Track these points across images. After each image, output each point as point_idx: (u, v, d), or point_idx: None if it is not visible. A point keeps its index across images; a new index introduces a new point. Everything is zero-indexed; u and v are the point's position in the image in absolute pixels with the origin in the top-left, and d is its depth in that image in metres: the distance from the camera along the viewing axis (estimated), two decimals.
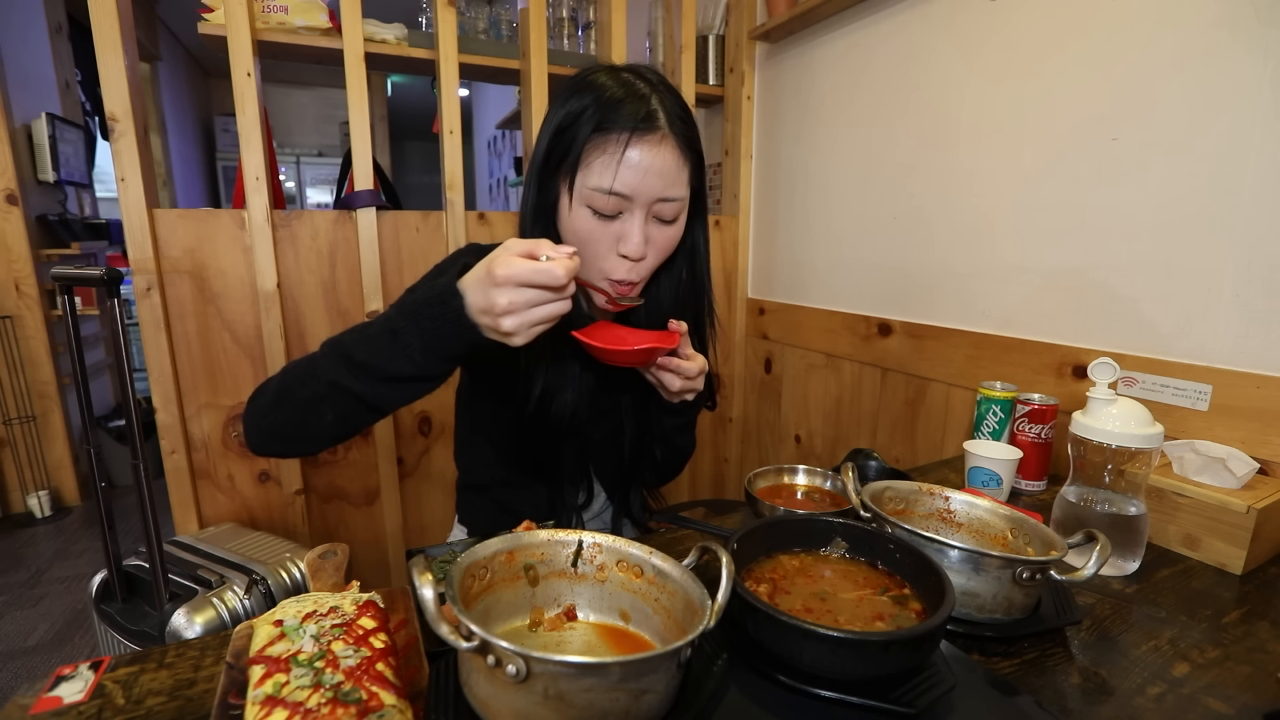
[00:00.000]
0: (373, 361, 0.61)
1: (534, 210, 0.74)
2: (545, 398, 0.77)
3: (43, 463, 2.67)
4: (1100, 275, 1.03)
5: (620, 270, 0.71)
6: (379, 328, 0.61)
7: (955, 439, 1.30)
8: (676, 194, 0.70)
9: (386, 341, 0.60)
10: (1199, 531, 0.75)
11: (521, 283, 0.54)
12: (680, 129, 0.69)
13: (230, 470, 1.42)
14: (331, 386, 0.62)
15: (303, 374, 0.65)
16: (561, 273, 0.54)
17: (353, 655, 0.44)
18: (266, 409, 0.66)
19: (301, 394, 0.64)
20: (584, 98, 0.69)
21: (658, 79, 0.72)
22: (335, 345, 0.64)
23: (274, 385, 0.67)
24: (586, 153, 0.68)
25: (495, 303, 0.55)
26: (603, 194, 0.67)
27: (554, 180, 0.72)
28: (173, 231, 1.30)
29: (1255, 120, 0.84)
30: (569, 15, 1.80)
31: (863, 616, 0.53)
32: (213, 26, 1.29)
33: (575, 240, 0.72)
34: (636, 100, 0.68)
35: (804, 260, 1.70)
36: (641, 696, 0.41)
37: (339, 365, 0.62)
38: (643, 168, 0.67)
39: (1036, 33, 1.09)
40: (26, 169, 2.65)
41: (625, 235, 0.69)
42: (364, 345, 0.62)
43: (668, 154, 0.68)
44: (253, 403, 0.68)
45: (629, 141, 0.66)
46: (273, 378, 0.68)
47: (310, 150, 5.80)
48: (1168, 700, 0.51)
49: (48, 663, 1.80)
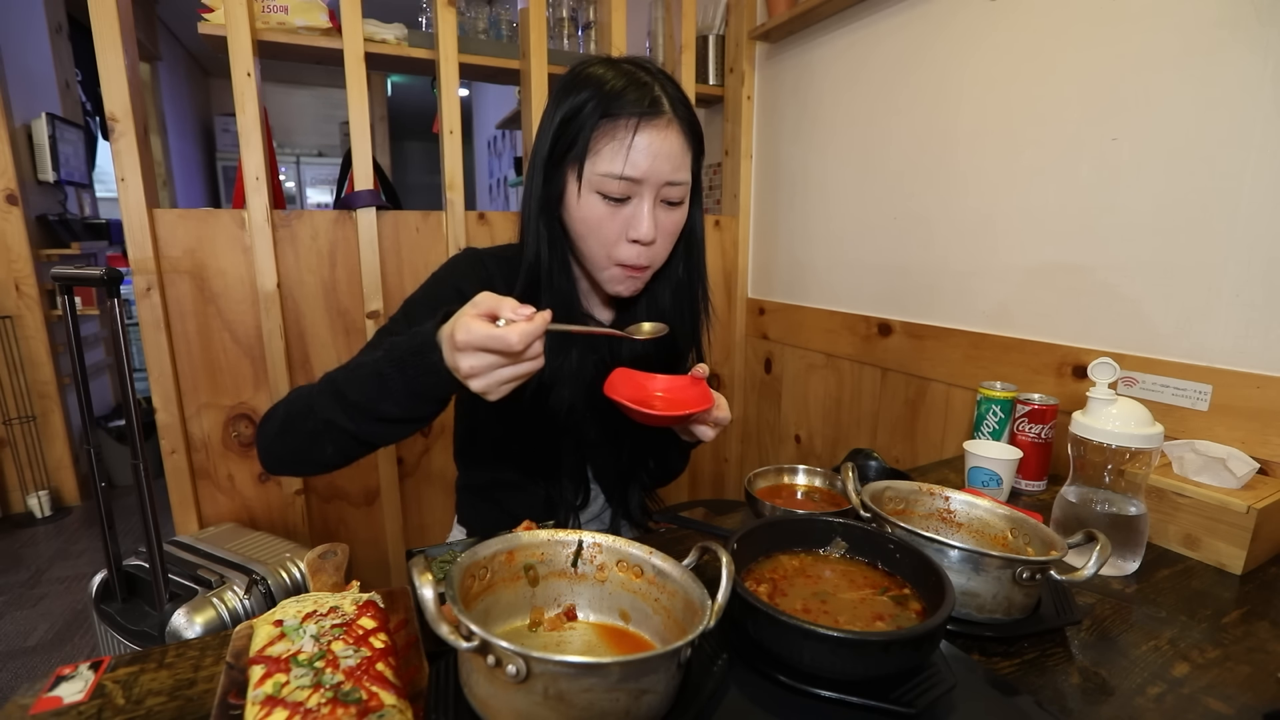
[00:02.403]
0: (363, 402, 0.62)
1: (540, 203, 0.75)
2: (543, 389, 0.78)
3: (43, 463, 2.67)
4: (1100, 275, 1.03)
5: (631, 255, 0.73)
6: (369, 370, 0.62)
7: (955, 439, 1.30)
8: (682, 177, 0.72)
9: (374, 385, 0.62)
10: (1199, 531, 0.75)
11: (479, 347, 0.54)
12: (683, 114, 0.72)
13: (230, 470, 1.42)
14: (328, 424, 0.65)
15: (304, 408, 0.67)
16: (516, 339, 0.53)
17: (353, 655, 0.44)
18: (274, 436, 0.69)
19: (303, 427, 0.67)
20: (587, 88, 0.70)
21: (656, 69, 0.74)
22: (331, 383, 0.65)
23: (280, 414, 0.70)
24: (595, 140, 0.69)
25: (458, 366, 0.56)
26: (613, 179, 0.69)
27: (560, 171, 0.73)
28: (173, 231, 1.30)
29: (1255, 120, 0.84)
30: (569, 15, 1.80)
31: (863, 617, 0.53)
32: (213, 26, 1.29)
33: (585, 228, 0.73)
34: (640, 87, 0.69)
35: (804, 260, 1.70)
36: (641, 696, 0.41)
37: (334, 404, 0.64)
38: (652, 152, 0.69)
39: (1036, 32, 1.09)
40: (26, 169, 2.65)
41: (636, 219, 0.71)
42: (355, 386, 0.63)
43: (674, 138, 0.70)
44: (263, 428, 0.71)
45: (637, 127, 0.68)
46: (280, 404, 0.71)
47: (310, 150, 5.80)
48: (1168, 700, 0.51)
49: (48, 663, 1.80)
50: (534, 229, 0.76)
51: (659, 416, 0.65)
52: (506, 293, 0.78)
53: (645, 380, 0.73)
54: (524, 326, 0.53)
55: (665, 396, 0.71)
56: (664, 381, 0.73)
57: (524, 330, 0.53)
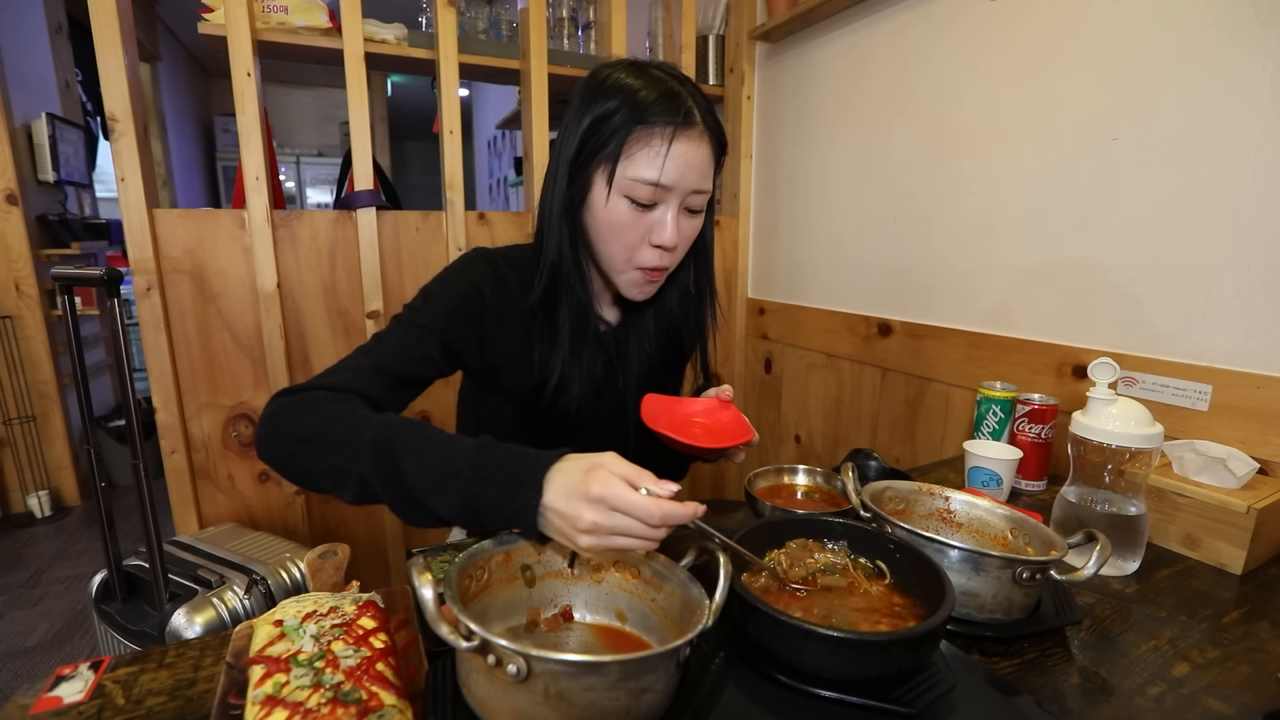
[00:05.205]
0: (415, 480, 0.56)
1: (564, 203, 0.75)
2: (559, 389, 0.79)
3: (43, 463, 2.67)
4: (1100, 275, 1.03)
5: (652, 259, 0.74)
6: (441, 455, 0.56)
7: (955, 439, 1.30)
8: (707, 186, 0.74)
9: (440, 475, 0.55)
10: (1199, 531, 0.75)
11: (614, 507, 0.50)
12: (711, 124, 0.73)
13: (230, 470, 1.42)
14: (361, 480, 0.59)
15: (338, 440, 0.60)
16: (659, 516, 0.49)
17: (353, 655, 0.44)
18: (290, 443, 0.63)
19: (329, 458, 0.60)
20: (619, 93, 0.70)
21: (684, 76, 0.75)
22: (386, 442, 0.58)
23: (304, 421, 0.63)
24: (629, 145, 0.70)
25: (581, 517, 0.50)
26: (645, 184, 0.70)
27: (585, 173, 0.73)
28: (173, 231, 1.30)
29: (1255, 120, 0.84)
30: (569, 15, 1.80)
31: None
32: (213, 26, 1.28)
33: (610, 230, 0.74)
34: (673, 97, 0.70)
35: (804, 260, 1.70)
36: (641, 695, 0.41)
37: (378, 464, 0.57)
38: (685, 161, 0.70)
39: (1037, 33, 1.09)
40: (26, 169, 2.65)
41: (660, 225, 0.72)
42: (416, 460, 0.57)
43: (704, 149, 0.72)
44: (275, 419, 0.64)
45: (673, 136, 0.69)
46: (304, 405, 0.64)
47: (310, 150, 5.80)
48: (1168, 700, 0.51)
49: (48, 663, 1.80)
50: (556, 228, 0.76)
51: (706, 450, 0.67)
52: (519, 293, 0.80)
53: (674, 405, 0.74)
54: (667, 504, 0.49)
55: (704, 424, 0.72)
56: (697, 407, 0.74)
57: (668, 511, 0.49)
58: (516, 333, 0.80)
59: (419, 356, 0.74)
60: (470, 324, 0.78)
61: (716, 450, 0.69)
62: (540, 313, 0.79)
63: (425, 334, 0.75)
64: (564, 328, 0.78)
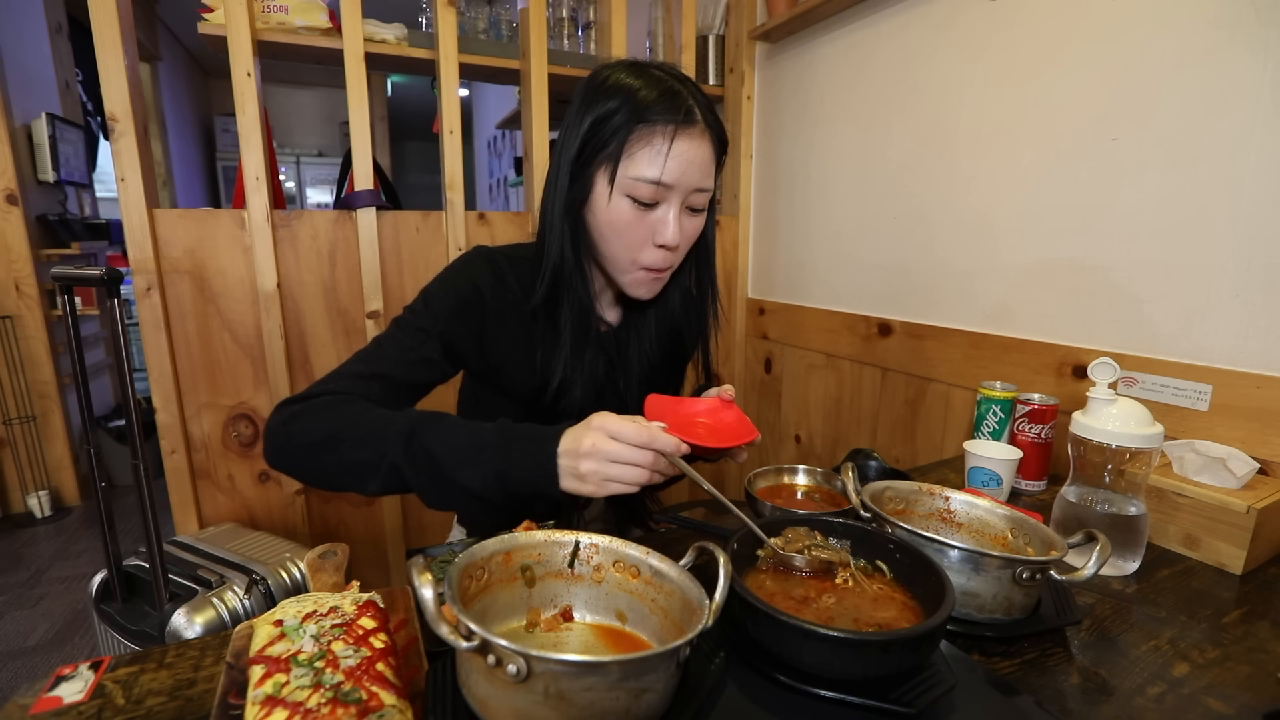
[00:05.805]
0: (445, 459, 0.62)
1: (565, 203, 0.75)
2: (561, 391, 0.79)
3: (43, 463, 2.67)
4: (1100, 275, 1.03)
5: (655, 259, 0.75)
6: (468, 435, 0.63)
7: (955, 439, 1.30)
8: (708, 185, 0.74)
9: (470, 450, 0.62)
10: (1199, 531, 0.75)
11: (610, 434, 0.58)
12: (712, 123, 0.73)
13: (230, 470, 1.42)
14: (391, 469, 0.63)
15: (363, 438, 0.64)
16: (646, 435, 0.58)
17: (353, 655, 0.44)
18: (309, 448, 0.65)
19: (354, 456, 0.64)
20: (619, 93, 0.70)
21: (683, 75, 0.75)
22: (413, 432, 0.63)
23: (321, 426, 0.65)
24: (630, 144, 0.70)
25: (581, 440, 0.59)
26: (647, 183, 0.70)
27: (587, 173, 0.74)
28: (173, 231, 1.30)
29: (1255, 120, 0.84)
30: (569, 15, 1.80)
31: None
32: (213, 26, 1.29)
33: (612, 230, 0.74)
34: (674, 96, 0.71)
35: (804, 260, 1.70)
36: (641, 695, 0.41)
37: (408, 451, 0.63)
38: (686, 159, 0.70)
39: (1036, 32, 1.09)
40: (26, 169, 2.65)
41: (662, 224, 0.73)
42: (444, 443, 0.63)
43: (705, 147, 0.72)
44: (287, 427, 0.67)
45: (674, 134, 0.69)
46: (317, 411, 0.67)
47: (310, 150, 5.80)
48: (1168, 700, 0.51)
49: (48, 663, 1.80)
50: (558, 229, 0.76)
51: (711, 450, 0.67)
52: (520, 293, 0.80)
53: (677, 405, 0.74)
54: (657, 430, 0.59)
55: (708, 424, 0.73)
56: (700, 407, 0.74)
57: (655, 434, 0.59)
58: (517, 333, 0.80)
59: (419, 361, 0.75)
60: (470, 324, 0.78)
61: (720, 450, 0.69)
62: (542, 314, 0.79)
63: (425, 337, 0.75)
64: (566, 329, 0.78)
